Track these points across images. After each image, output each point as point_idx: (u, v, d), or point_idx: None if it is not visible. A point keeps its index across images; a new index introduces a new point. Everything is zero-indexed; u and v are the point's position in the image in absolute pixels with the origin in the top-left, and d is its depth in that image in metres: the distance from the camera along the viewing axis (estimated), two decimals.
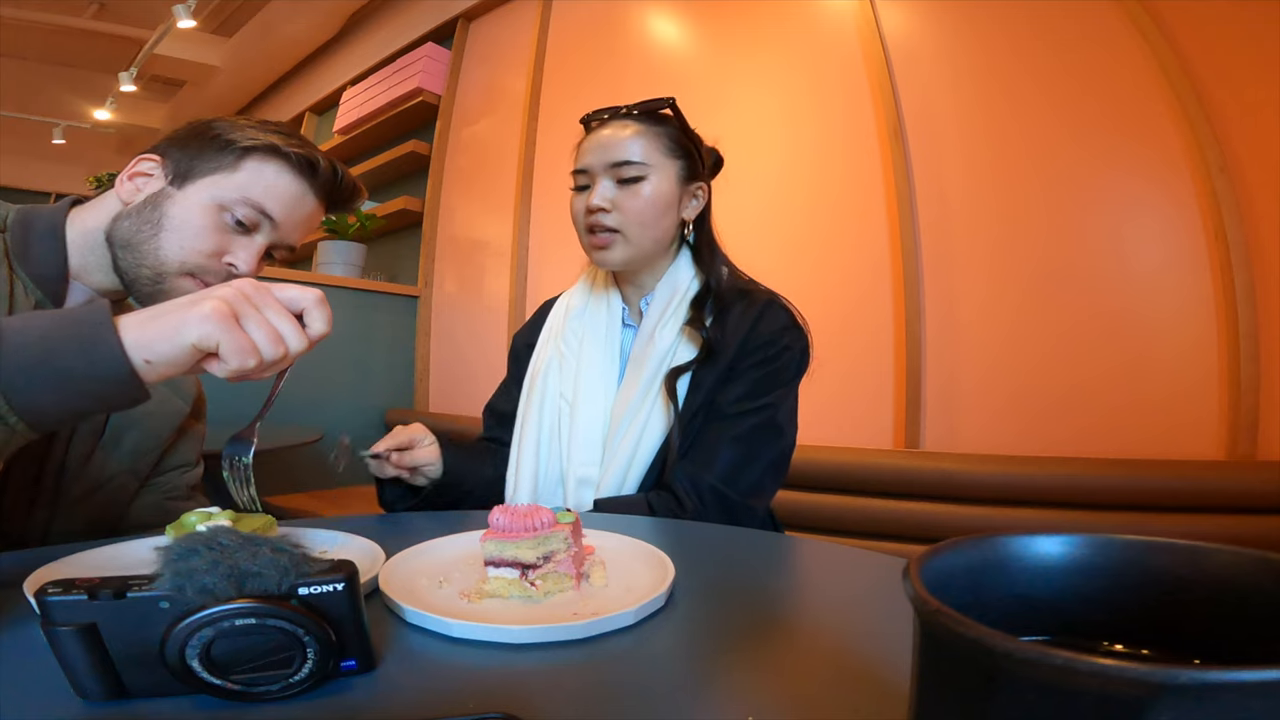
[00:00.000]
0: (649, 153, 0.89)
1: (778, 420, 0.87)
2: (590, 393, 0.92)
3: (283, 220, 0.75)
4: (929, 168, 1.72)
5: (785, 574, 0.63)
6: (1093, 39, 1.54)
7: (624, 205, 0.89)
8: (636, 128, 0.90)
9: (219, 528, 0.34)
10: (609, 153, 0.89)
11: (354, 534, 0.61)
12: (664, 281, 0.95)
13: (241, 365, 0.48)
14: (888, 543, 1.49)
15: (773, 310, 0.90)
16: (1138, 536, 0.25)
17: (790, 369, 0.89)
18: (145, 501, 0.82)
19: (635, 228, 0.89)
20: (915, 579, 0.21)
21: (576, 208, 0.92)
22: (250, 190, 0.73)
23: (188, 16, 3.15)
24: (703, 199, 0.96)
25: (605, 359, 0.94)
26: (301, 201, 0.77)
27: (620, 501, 0.85)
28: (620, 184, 0.89)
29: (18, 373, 0.43)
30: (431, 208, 2.96)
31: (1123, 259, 1.48)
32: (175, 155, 0.73)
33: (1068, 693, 0.16)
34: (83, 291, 0.74)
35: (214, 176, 0.72)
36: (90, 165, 4.16)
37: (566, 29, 2.64)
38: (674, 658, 0.40)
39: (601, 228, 0.89)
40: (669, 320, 0.91)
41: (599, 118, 0.94)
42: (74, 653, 0.32)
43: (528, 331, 1.07)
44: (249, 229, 0.74)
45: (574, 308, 1.01)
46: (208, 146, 0.73)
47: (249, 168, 0.73)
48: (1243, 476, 1.28)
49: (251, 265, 0.74)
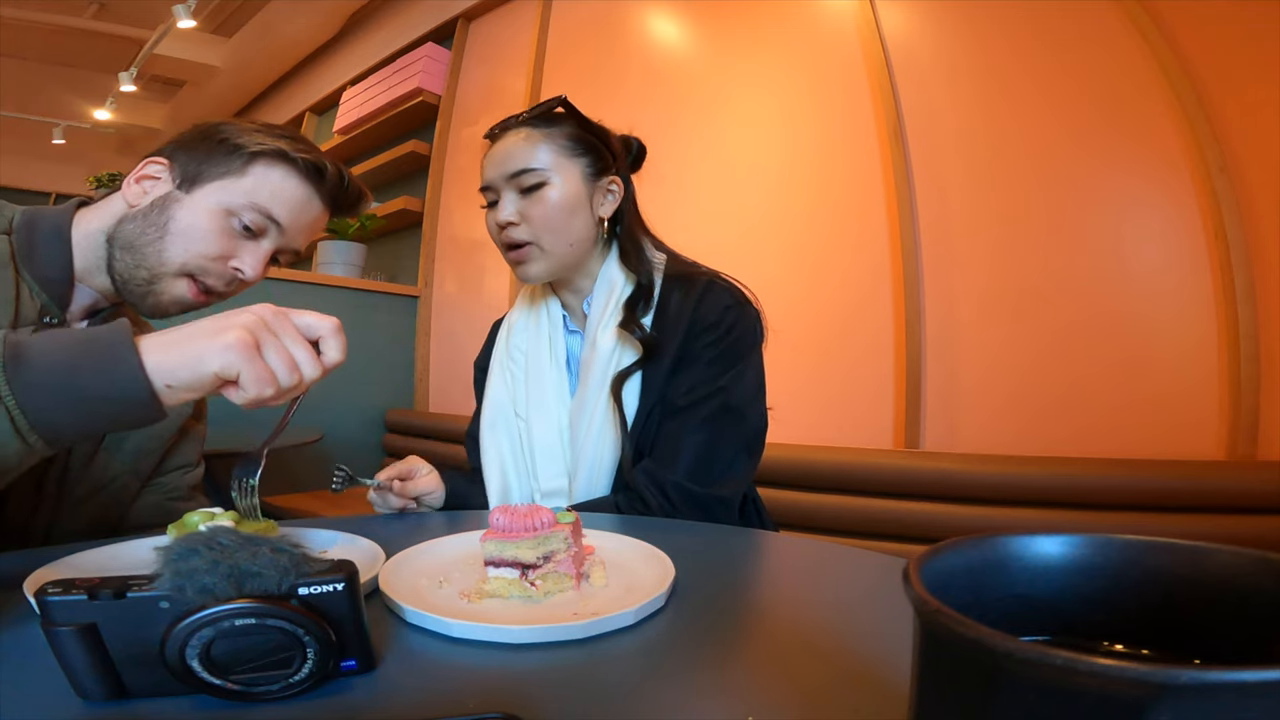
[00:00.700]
0: (546, 156, 0.86)
1: (734, 402, 0.84)
2: (543, 406, 0.91)
3: (289, 225, 0.76)
4: (929, 168, 1.72)
5: (785, 574, 0.63)
6: (1092, 39, 1.54)
7: (530, 215, 0.86)
8: (530, 133, 0.87)
9: (219, 528, 0.34)
10: (506, 164, 0.87)
11: (354, 534, 0.61)
12: (600, 281, 0.92)
13: (259, 394, 0.49)
14: (888, 543, 1.49)
15: (713, 292, 0.87)
16: (1138, 536, 0.25)
17: (741, 347, 0.86)
18: (147, 502, 0.83)
19: (547, 236, 0.87)
20: (915, 579, 0.21)
21: (490, 224, 0.90)
22: (258, 195, 0.73)
23: (188, 16, 3.15)
24: (619, 192, 0.93)
25: (554, 369, 0.93)
26: (308, 207, 0.77)
27: (590, 505, 0.84)
28: (523, 194, 0.86)
29: (42, 393, 0.44)
30: (431, 208, 2.96)
31: (1123, 259, 1.48)
32: (183, 159, 0.73)
33: (1068, 693, 0.16)
34: (87, 294, 0.75)
35: (222, 181, 0.72)
36: (90, 165, 4.16)
37: (566, 29, 2.64)
38: (674, 658, 0.40)
39: (514, 242, 0.87)
40: (608, 321, 0.89)
41: (494, 131, 0.91)
42: (74, 653, 0.32)
43: (483, 355, 1.05)
44: (256, 234, 0.74)
45: (515, 323, 0.99)
46: (216, 150, 0.73)
47: (257, 173, 0.73)
48: (1243, 476, 1.28)
49: (258, 270, 0.75)
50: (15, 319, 0.68)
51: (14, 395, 0.43)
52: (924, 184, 1.72)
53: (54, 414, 0.45)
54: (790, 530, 1.45)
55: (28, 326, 0.69)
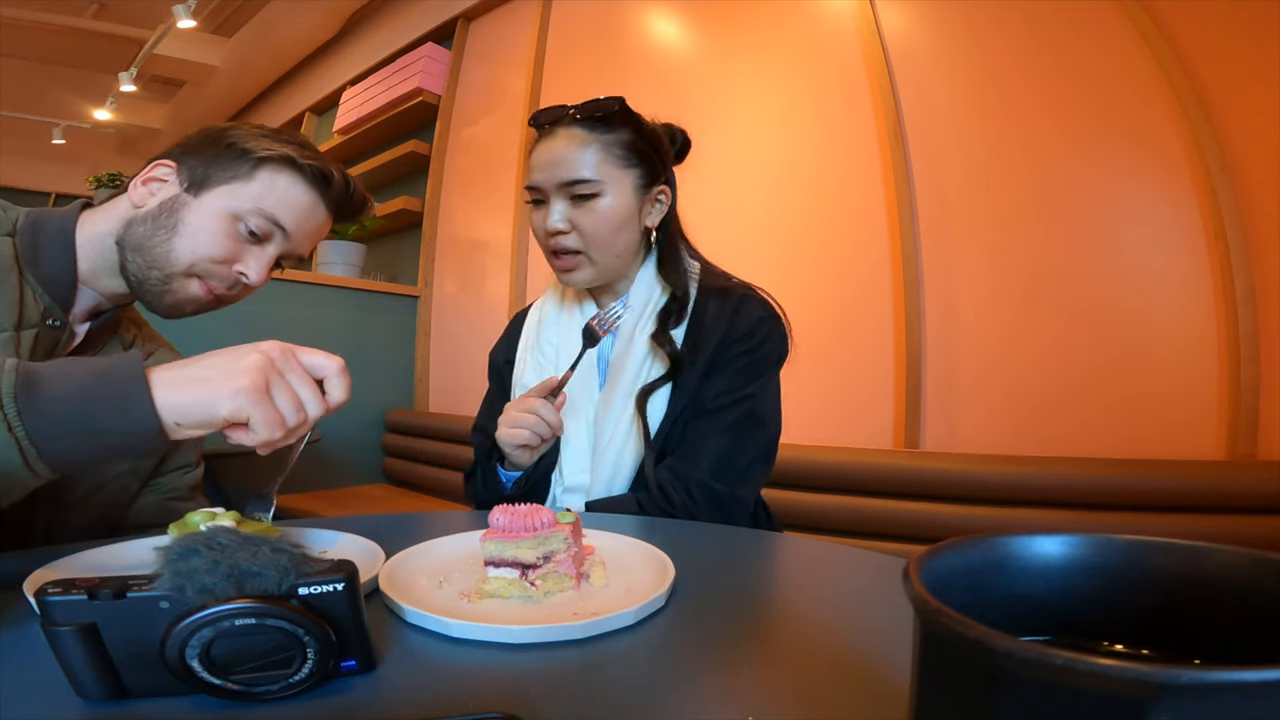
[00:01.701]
0: (600, 167, 0.85)
1: (759, 410, 0.86)
2: (573, 401, 0.91)
3: (294, 231, 0.76)
4: (929, 168, 1.72)
5: (785, 574, 0.63)
6: (1092, 39, 1.54)
7: (580, 224, 0.85)
8: (585, 138, 0.85)
9: (219, 528, 0.34)
10: (557, 170, 0.85)
11: (354, 534, 0.61)
12: (638, 284, 0.93)
13: (269, 437, 0.49)
14: (888, 543, 1.49)
15: (749, 303, 0.89)
16: (1138, 536, 0.25)
17: (770, 358, 0.88)
18: (147, 502, 0.83)
19: (595, 248, 0.86)
20: (915, 579, 0.21)
21: (536, 224, 0.89)
22: (264, 201, 0.74)
23: (188, 16, 3.15)
24: (666, 202, 0.93)
25: (584, 366, 0.93)
26: (313, 213, 0.78)
27: (610, 502, 0.85)
28: (573, 201, 0.85)
29: (53, 425, 0.45)
30: (431, 208, 2.96)
31: (1123, 259, 1.48)
32: (191, 162, 0.74)
33: (1068, 693, 0.16)
34: (90, 296, 0.75)
35: (229, 185, 0.73)
36: (90, 165, 4.16)
37: (566, 29, 2.64)
38: (674, 658, 0.40)
39: (564, 250, 0.87)
40: (645, 325, 0.90)
41: (545, 120, 0.89)
42: (74, 653, 0.32)
43: (505, 347, 1.04)
44: (261, 239, 0.75)
45: (546, 317, 0.99)
46: (223, 155, 0.74)
47: (263, 178, 0.74)
48: (1243, 476, 1.28)
49: (262, 275, 0.75)
50: (19, 321, 0.68)
51: (24, 426, 0.44)
52: (924, 184, 1.72)
53: (63, 445, 0.45)
54: (790, 530, 1.45)
55: (31, 329, 0.69)
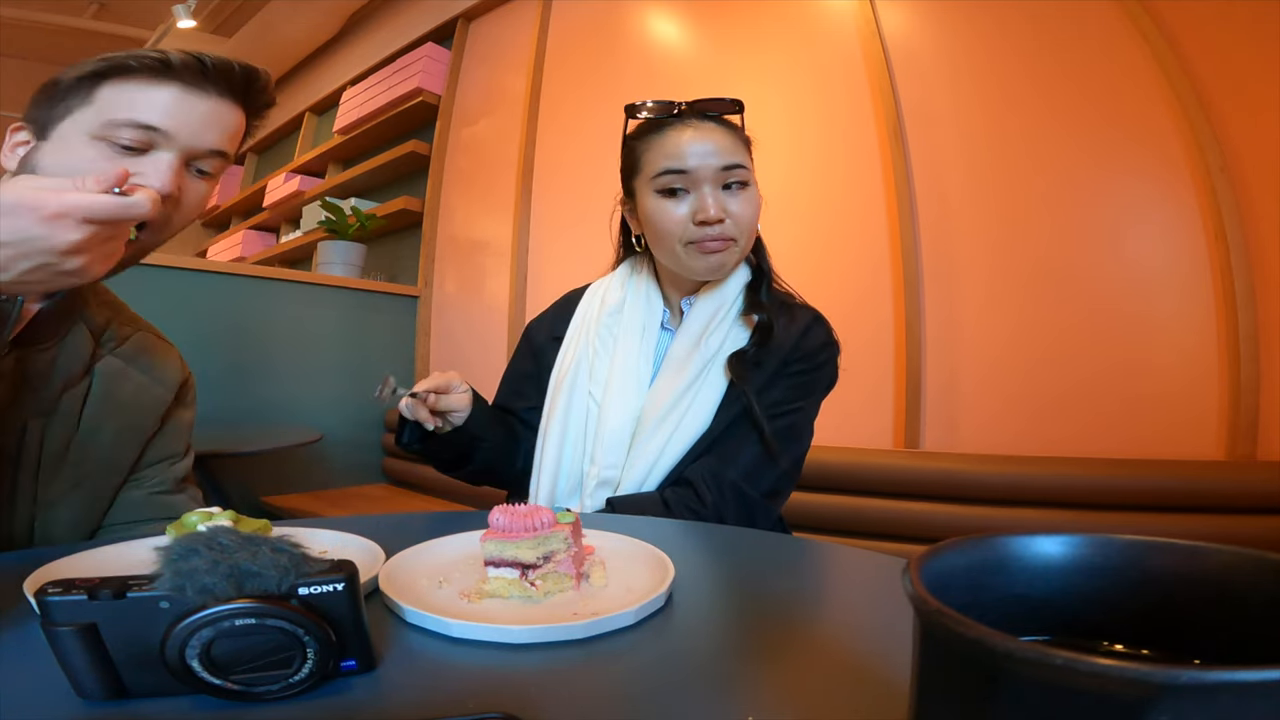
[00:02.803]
0: (746, 156, 0.87)
1: (800, 425, 0.88)
2: (622, 393, 0.89)
3: (172, 127, 0.69)
4: (929, 168, 1.72)
5: (785, 574, 0.63)
6: (1092, 39, 1.54)
7: (734, 212, 0.85)
8: (727, 130, 0.87)
9: (219, 528, 0.34)
10: (717, 155, 0.84)
11: (354, 534, 0.61)
12: (736, 274, 0.93)
13: None
14: (888, 543, 1.49)
15: (817, 327, 0.92)
16: (1138, 536, 0.25)
17: (824, 381, 0.91)
18: (131, 497, 0.80)
19: (744, 236, 0.87)
20: (915, 579, 0.21)
21: (671, 216, 0.85)
22: (114, 112, 0.67)
23: (188, 16, 3.15)
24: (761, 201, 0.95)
25: (640, 359, 0.92)
26: (181, 102, 0.69)
27: (634, 499, 0.83)
28: (725, 189, 0.85)
29: None
30: (431, 208, 2.96)
31: (1123, 259, 1.48)
32: (34, 114, 0.71)
33: (1068, 693, 0.16)
34: None
35: (73, 116, 0.68)
36: None
37: (566, 29, 2.64)
38: (674, 658, 0.40)
39: (721, 237, 0.85)
40: (721, 322, 0.90)
41: (661, 116, 0.89)
42: (74, 653, 0.32)
43: (552, 323, 1.01)
44: (139, 149, 0.68)
45: (610, 304, 0.96)
46: (60, 93, 0.69)
47: (104, 94, 0.68)
48: (1243, 476, 1.28)
49: (165, 178, 0.68)
50: None
51: None
52: (924, 184, 1.72)
53: None
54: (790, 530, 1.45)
55: None
